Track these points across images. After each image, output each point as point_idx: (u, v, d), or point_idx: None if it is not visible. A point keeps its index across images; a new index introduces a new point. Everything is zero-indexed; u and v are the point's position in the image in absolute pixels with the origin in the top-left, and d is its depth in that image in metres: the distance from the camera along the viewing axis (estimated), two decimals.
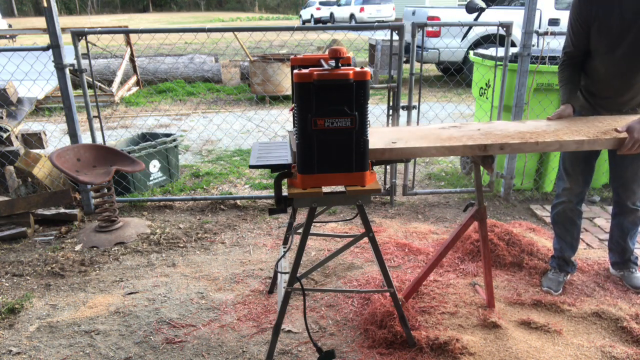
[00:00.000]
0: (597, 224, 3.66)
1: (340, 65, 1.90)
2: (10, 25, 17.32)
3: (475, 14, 8.41)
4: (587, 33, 2.40)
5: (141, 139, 4.61)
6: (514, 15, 8.07)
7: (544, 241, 3.28)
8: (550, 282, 2.77)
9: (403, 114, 3.92)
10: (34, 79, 4.05)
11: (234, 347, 2.37)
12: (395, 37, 3.81)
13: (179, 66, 9.82)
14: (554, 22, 8.80)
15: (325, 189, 1.97)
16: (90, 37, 9.51)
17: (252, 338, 2.43)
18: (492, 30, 8.38)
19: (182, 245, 3.39)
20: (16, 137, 4.14)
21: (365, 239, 2.55)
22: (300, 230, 2.42)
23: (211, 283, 2.92)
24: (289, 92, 7.95)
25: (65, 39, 3.55)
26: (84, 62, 3.78)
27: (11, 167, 3.91)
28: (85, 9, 48.92)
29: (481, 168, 2.32)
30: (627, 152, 2.07)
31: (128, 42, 9.06)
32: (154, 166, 4.31)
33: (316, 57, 2.12)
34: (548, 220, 3.71)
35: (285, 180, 2.07)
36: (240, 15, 44.70)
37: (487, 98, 4.14)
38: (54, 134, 5.92)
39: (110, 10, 50.79)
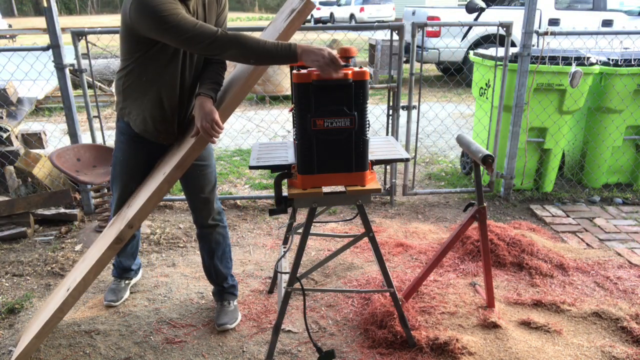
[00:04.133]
0: (597, 224, 3.66)
1: (350, 63, 1.92)
2: (10, 25, 17.31)
3: (475, 14, 8.42)
4: None
5: None
6: (514, 15, 8.08)
7: (544, 241, 3.28)
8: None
9: (403, 114, 3.92)
10: (34, 79, 4.04)
11: (234, 347, 2.37)
12: (395, 37, 3.81)
13: None
14: (554, 22, 8.80)
15: (325, 189, 1.97)
16: (90, 37, 9.51)
17: (252, 338, 2.43)
18: (492, 30, 8.38)
19: (182, 245, 3.39)
20: (16, 137, 4.14)
21: (365, 239, 2.55)
22: (300, 230, 2.42)
23: None
24: (289, 92, 7.94)
25: (65, 39, 3.55)
26: (84, 62, 3.77)
27: (11, 167, 3.91)
28: (85, 9, 48.93)
29: (481, 168, 2.32)
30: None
31: None
32: None
33: None
34: (548, 220, 3.71)
35: (285, 181, 2.07)
36: (240, 15, 44.68)
37: (487, 98, 4.14)
38: (54, 134, 5.91)
39: (110, 10, 50.79)
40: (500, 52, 3.81)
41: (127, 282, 2.81)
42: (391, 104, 3.81)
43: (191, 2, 2.02)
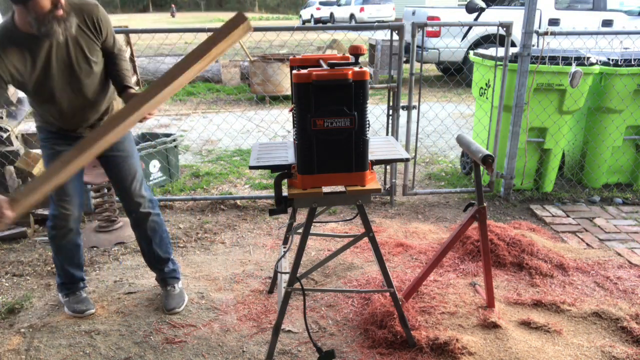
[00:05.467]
0: (597, 224, 3.66)
1: (359, 61, 1.92)
2: None
3: (475, 14, 8.42)
4: None
5: (141, 139, 4.60)
6: (514, 15, 8.08)
7: (544, 241, 3.28)
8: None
9: (403, 114, 3.92)
10: None
11: (234, 347, 2.37)
12: (395, 37, 3.81)
13: None
14: (554, 22, 8.80)
15: (325, 189, 1.97)
16: None
17: (252, 338, 2.43)
18: (492, 30, 8.38)
19: (182, 245, 3.39)
20: (16, 137, 4.13)
21: (365, 239, 2.55)
22: (300, 230, 2.42)
23: (211, 283, 2.92)
24: (289, 92, 7.94)
25: None
26: None
27: (11, 167, 3.91)
28: None
29: (481, 168, 2.32)
30: None
31: (128, 42, 9.05)
32: (154, 166, 4.31)
33: (315, 57, 2.12)
34: (548, 220, 3.72)
35: (285, 181, 2.07)
36: None
37: (487, 98, 4.14)
38: None
39: (110, 10, 50.78)
40: (500, 52, 3.81)
41: (84, 291, 2.69)
42: (391, 104, 3.81)
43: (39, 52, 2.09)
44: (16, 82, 2.14)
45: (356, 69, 1.83)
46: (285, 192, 2.01)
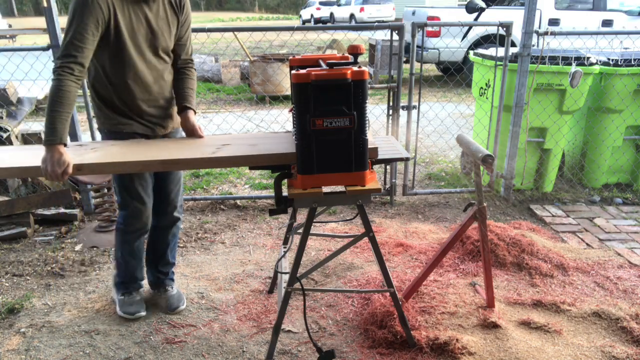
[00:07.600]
0: (597, 224, 3.66)
1: (358, 61, 1.92)
2: (10, 25, 17.28)
3: (475, 14, 8.42)
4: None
5: None
6: (514, 15, 8.08)
7: (544, 241, 3.28)
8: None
9: (403, 114, 3.92)
10: (34, 79, 4.04)
11: (234, 347, 2.37)
12: (395, 37, 3.81)
13: None
14: (554, 22, 8.80)
15: (325, 189, 1.97)
16: None
17: (252, 338, 2.43)
18: (492, 30, 8.38)
19: (182, 245, 3.39)
20: (16, 137, 4.14)
21: (365, 239, 2.55)
22: (300, 231, 2.42)
23: (211, 283, 2.92)
24: (289, 92, 7.94)
25: None
26: None
27: None
28: None
29: (481, 168, 2.32)
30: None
31: None
32: None
33: (315, 57, 2.12)
34: (548, 220, 3.71)
35: (285, 181, 2.07)
36: (240, 15, 44.70)
37: (487, 98, 4.14)
38: None
39: None
40: (500, 52, 3.81)
41: (140, 292, 2.68)
42: (391, 104, 3.81)
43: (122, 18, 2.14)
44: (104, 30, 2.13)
45: (355, 68, 1.83)
46: (285, 192, 2.01)
